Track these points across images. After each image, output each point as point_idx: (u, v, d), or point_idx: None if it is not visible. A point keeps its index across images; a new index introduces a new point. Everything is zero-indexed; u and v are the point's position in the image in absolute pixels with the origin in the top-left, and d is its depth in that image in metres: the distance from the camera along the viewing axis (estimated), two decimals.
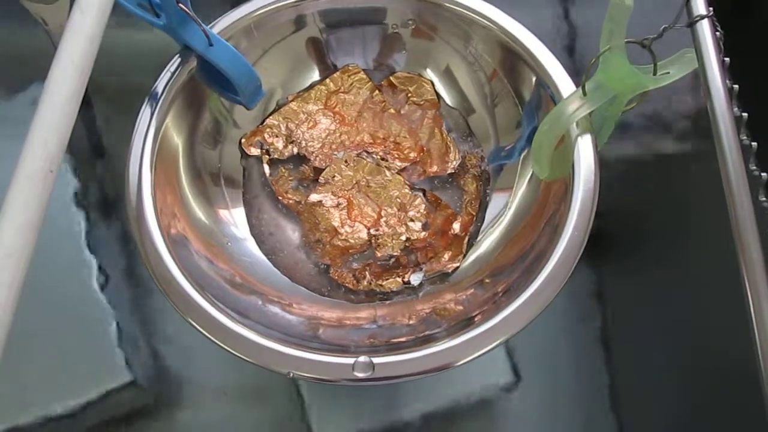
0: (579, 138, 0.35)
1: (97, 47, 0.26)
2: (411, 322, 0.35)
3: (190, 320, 0.32)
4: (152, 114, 0.36)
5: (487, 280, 0.36)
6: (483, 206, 0.41)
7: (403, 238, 0.40)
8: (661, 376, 0.39)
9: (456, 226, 0.41)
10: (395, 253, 0.40)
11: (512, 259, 0.36)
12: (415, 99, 0.44)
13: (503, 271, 0.36)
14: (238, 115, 0.42)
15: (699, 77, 0.29)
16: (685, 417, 0.38)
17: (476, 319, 0.32)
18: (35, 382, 0.39)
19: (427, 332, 0.33)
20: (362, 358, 0.31)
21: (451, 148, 0.43)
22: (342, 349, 0.32)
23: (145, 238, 0.33)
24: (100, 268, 0.42)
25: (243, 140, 0.42)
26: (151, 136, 0.36)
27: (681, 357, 0.39)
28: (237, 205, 0.41)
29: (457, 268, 0.39)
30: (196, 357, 0.39)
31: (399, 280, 0.39)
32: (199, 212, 0.39)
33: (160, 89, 0.37)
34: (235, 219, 0.41)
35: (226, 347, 0.31)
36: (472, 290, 0.36)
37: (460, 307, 0.35)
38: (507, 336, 0.31)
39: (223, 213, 0.40)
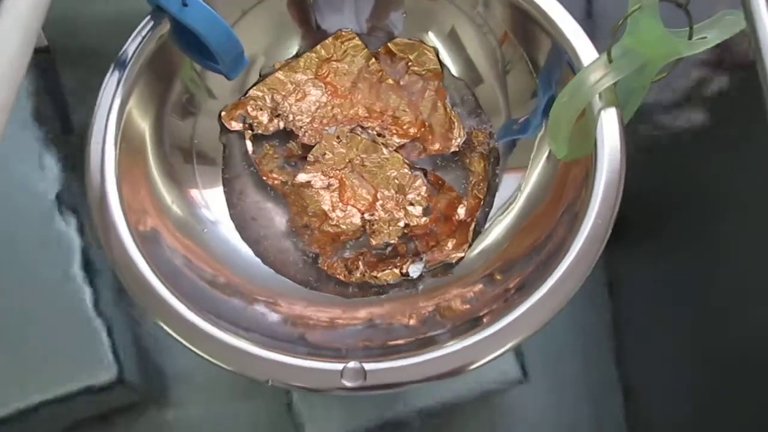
0: (602, 112, 0.32)
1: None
2: (411, 322, 0.34)
3: (152, 315, 0.30)
4: (118, 85, 0.34)
5: (497, 276, 0.34)
6: (491, 189, 0.40)
7: (402, 224, 0.39)
8: (679, 373, 0.39)
9: (461, 211, 0.39)
10: (392, 241, 0.39)
11: (525, 251, 0.34)
12: (416, 68, 0.42)
13: (515, 265, 0.34)
14: (215, 84, 0.40)
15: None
16: (702, 415, 0.38)
17: (485, 318, 0.31)
18: (11, 376, 0.38)
19: (428, 334, 0.32)
20: (352, 364, 0.29)
21: (456, 124, 0.41)
22: (331, 353, 0.30)
23: (107, 225, 0.31)
24: (82, 251, 0.40)
25: (223, 113, 0.40)
26: (116, 111, 0.33)
27: (700, 352, 0.38)
28: (215, 186, 0.40)
29: (462, 258, 0.38)
30: (184, 352, 0.36)
31: (396, 271, 0.38)
32: (171, 196, 0.37)
33: (127, 56, 0.34)
34: (213, 202, 0.39)
35: (194, 349, 0.29)
36: (480, 286, 0.35)
37: (467, 306, 0.33)
38: (520, 338, 0.30)
39: (198, 195, 0.38)
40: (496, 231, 0.38)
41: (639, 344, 0.39)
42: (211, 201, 0.39)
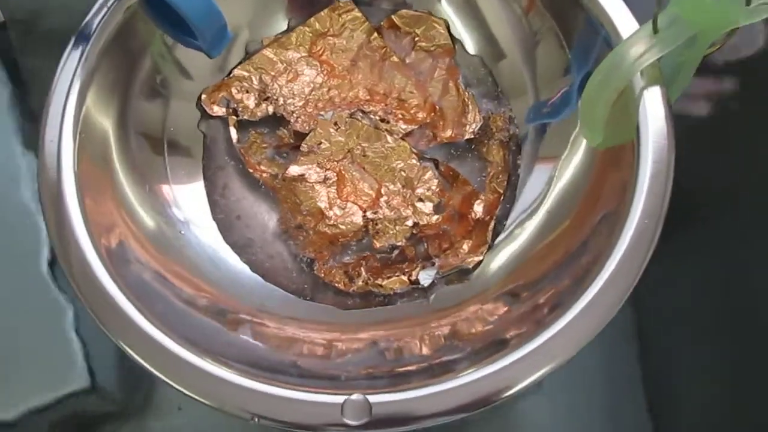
0: (645, 91, 0.31)
1: None
2: (422, 344, 0.32)
3: (117, 339, 0.28)
4: (79, 63, 0.32)
5: (524, 292, 0.32)
6: (513, 182, 0.38)
7: (410, 223, 0.38)
8: (705, 377, 0.38)
9: (478, 208, 0.38)
10: (399, 243, 0.38)
11: (558, 259, 0.32)
12: (423, 44, 0.40)
13: (546, 276, 0.32)
14: (190, 62, 0.38)
15: None
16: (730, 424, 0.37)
17: (511, 340, 0.29)
18: None
19: (443, 359, 0.30)
20: (355, 397, 0.27)
21: (470, 107, 0.39)
22: (329, 383, 0.28)
23: (66, 237, 0.30)
24: (52, 250, 0.38)
25: (203, 96, 0.39)
26: (75, 95, 0.32)
27: (729, 360, 0.37)
28: (194, 181, 0.38)
29: (480, 262, 0.36)
30: None
31: (404, 278, 0.36)
32: (141, 194, 0.35)
33: (90, 30, 0.33)
34: (190, 201, 0.37)
35: (164, 378, 0.28)
36: (504, 300, 0.33)
37: (489, 326, 0.32)
38: (553, 364, 0.28)
39: (173, 193, 0.37)
40: (521, 234, 0.36)
41: (662, 351, 0.39)
42: (188, 199, 0.37)
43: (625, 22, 0.32)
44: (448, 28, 0.40)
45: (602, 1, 0.33)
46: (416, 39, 0.40)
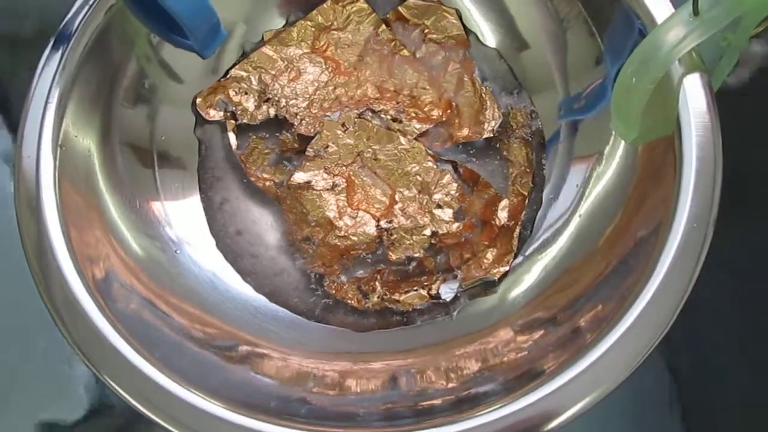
0: (685, 80, 0.29)
1: None
2: (449, 375, 0.30)
3: (103, 374, 0.27)
4: (57, 70, 0.31)
5: (561, 313, 0.31)
6: (537, 183, 0.37)
7: (428, 232, 0.37)
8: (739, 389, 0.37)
9: (502, 214, 0.37)
10: (417, 255, 0.37)
11: (596, 274, 0.31)
12: (434, 36, 0.39)
13: (584, 294, 0.31)
14: (180, 64, 0.37)
15: None
16: None
17: (548, 369, 0.27)
18: None
19: (472, 390, 0.29)
20: None
21: (488, 103, 0.38)
22: (343, 423, 0.27)
23: (47, 267, 0.28)
24: None
25: (198, 100, 0.38)
26: (55, 103, 0.31)
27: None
28: (188, 195, 0.37)
29: (506, 273, 0.35)
30: None
31: (423, 293, 0.36)
32: (130, 215, 0.34)
33: (70, 31, 0.32)
34: (185, 217, 0.36)
35: (158, 420, 0.26)
36: (539, 321, 0.31)
37: (523, 353, 0.30)
38: (599, 392, 0.26)
39: (164, 210, 0.35)
40: (555, 243, 0.35)
41: (696, 363, 0.38)
42: (182, 216, 0.36)
43: (660, 5, 0.31)
44: (460, 18, 0.39)
45: None
46: (426, 31, 0.39)
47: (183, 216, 0.36)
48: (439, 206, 0.37)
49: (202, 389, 0.27)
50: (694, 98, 0.29)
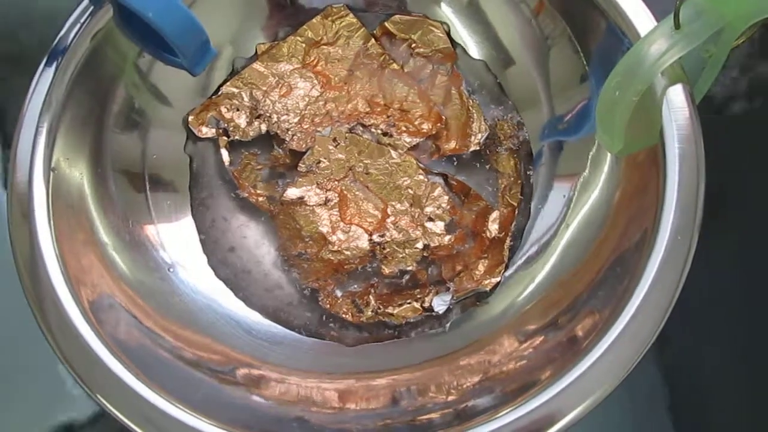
0: (668, 92, 0.30)
1: None
2: (449, 389, 0.31)
3: (95, 393, 0.27)
4: (49, 91, 0.31)
5: (560, 318, 0.31)
6: (527, 193, 0.37)
7: (420, 245, 0.37)
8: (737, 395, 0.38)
9: (493, 226, 0.37)
10: (409, 268, 0.37)
11: (587, 283, 0.31)
12: (421, 50, 0.39)
13: (576, 302, 0.31)
14: (168, 87, 0.37)
15: None
16: None
17: (543, 378, 0.27)
18: None
19: (471, 402, 0.29)
20: None
21: (475, 116, 0.38)
22: None
23: (41, 292, 0.28)
24: None
25: (190, 118, 0.38)
26: (46, 127, 0.31)
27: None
28: (181, 214, 0.37)
29: (498, 284, 0.35)
30: None
31: (417, 305, 0.36)
32: (123, 239, 0.34)
33: (59, 53, 0.32)
34: (179, 237, 0.36)
35: None
36: (533, 330, 0.31)
37: (521, 362, 0.30)
38: (591, 401, 0.26)
39: (158, 231, 0.35)
40: (546, 254, 0.35)
41: (689, 366, 0.38)
42: (175, 236, 0.36)
43: (643, 22, 0.31)
44: (447, 32, 0.39)
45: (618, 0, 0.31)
46: (413, 45, 0.39)
47: (176, 236, 0.36)
48: (430, 219, 0.37)
49: (199, 410, 0.27)
50: (677, 110, 0.30)
